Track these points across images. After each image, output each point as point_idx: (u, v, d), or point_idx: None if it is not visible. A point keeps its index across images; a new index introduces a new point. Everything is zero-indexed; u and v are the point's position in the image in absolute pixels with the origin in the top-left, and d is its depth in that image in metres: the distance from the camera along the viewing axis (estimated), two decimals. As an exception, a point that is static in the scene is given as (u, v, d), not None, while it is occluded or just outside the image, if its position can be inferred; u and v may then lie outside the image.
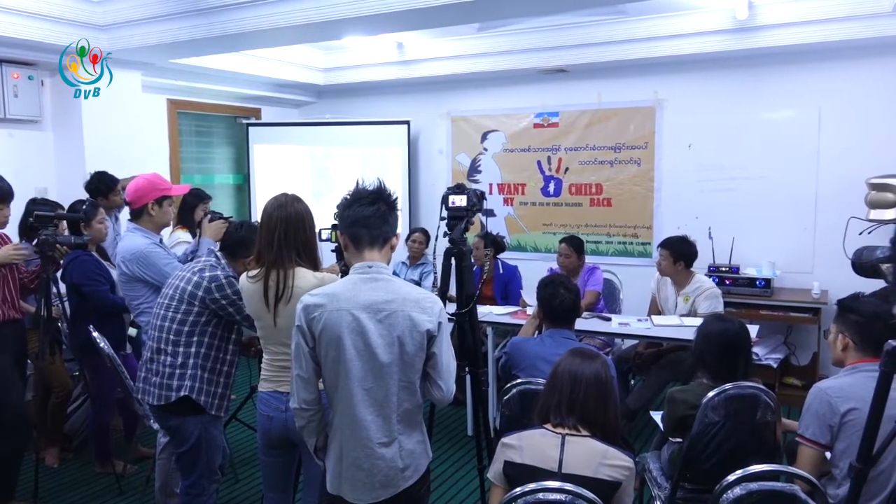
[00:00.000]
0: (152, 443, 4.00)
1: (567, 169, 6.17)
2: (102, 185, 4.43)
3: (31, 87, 4.83)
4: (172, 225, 4.81)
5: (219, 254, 2.81)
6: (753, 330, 4.16)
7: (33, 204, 4.04)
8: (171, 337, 2.74)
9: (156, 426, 3.50)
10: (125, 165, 4.88)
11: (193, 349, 2.74)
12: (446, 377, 2.03)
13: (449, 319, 2.13)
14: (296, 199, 2.50)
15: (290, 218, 2.44)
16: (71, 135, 4.95)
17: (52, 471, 4.04)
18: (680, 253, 4.43)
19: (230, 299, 2.69)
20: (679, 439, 2.80)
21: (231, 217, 3.51)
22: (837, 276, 4.75)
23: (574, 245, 4.80)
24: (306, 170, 6.73)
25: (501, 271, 5.26)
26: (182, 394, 2.74)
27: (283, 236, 2.41)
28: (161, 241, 3.51)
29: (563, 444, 2.09)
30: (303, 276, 2.42)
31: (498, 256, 5.27)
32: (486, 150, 6.54)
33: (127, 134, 5.12)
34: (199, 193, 4.83)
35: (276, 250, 2.40)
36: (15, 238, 3.93)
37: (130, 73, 4.94)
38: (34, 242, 3.64)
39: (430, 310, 1.97)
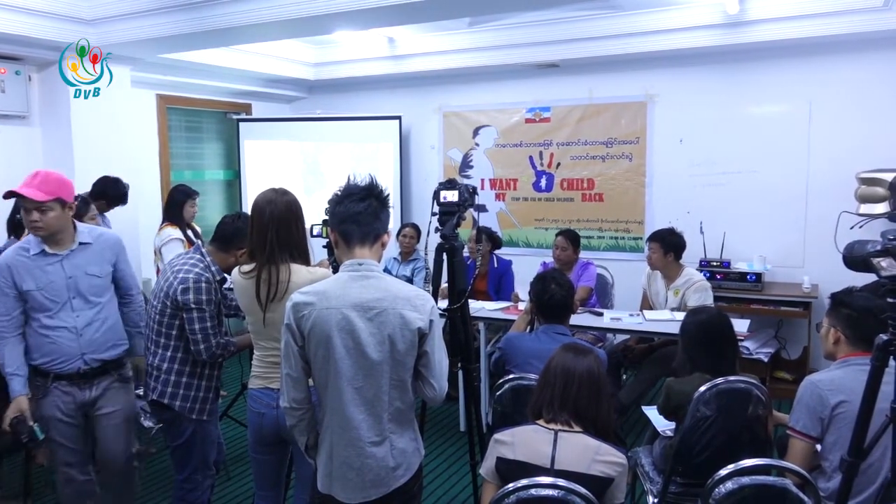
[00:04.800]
0: (143, 440, 3.98)
1: (559, 164, 6.17)
2: (110, 191, 4.39)
3: (18, 82, 4.77)
4: (161, 222, 4.81)
5: (204, 250, 2.77)
6: (744, 324, 4.18)
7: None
8: (153, 336, 2.75)
9: (147, 424, 3.51)
10: (114, 161, 4.86)
11: (170, 353, 2.73)
12: (438, 376, 2.02)
13: (441, 315, 2.12)
14: (284, 193, 2.49)
15: (281, 215, 2.43)
16: (59, 131, 4.90)
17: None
18: (670, 244, 4.44)
19: (198, 304, 2.63)
20: (670, 434, 2.82)
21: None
22: (828, 271, 4.78)
23: (570, 238, 4.81)
24: (297, 165, 6.70)
25: (496, 266, 5.26)
26: (153, 397, 2.74)
27: (275, 236, 2.40)
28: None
29: (555, 440, 2.09)
30: (296, 271, 2.41)
31: (494, 252, 5.26)
32: (477, 145, 6.53)
33: (116, 129, 5.08)
34: (186, 190, 4.82)
35: (268, 249, 2.40)
36: (3, 236, 3.89)
37: (119, 67, 4.89)
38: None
39: (421, 308, 1.96)
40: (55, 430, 2.80)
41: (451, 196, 3.00)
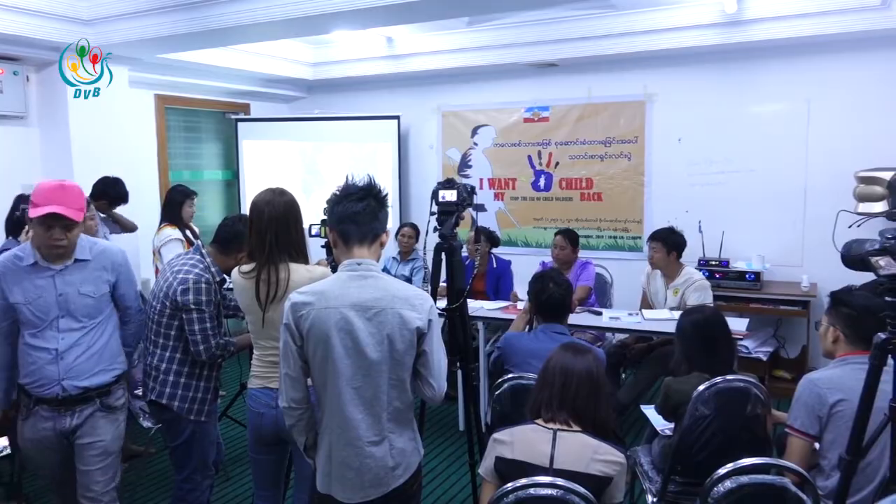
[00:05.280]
0: (143, 440, 3.98)
1: (557, 163, 6.17)
2: (111, 191, 4.37)
3: (16, 82, 4.77)
4: (159, 222, 4.81)
5: (204, 251, 2.77)
6: (743, 323, 4.19)
7: (20, 200, 4.00)
8: (152, 336, 2.75)
9: (147, 424, 3.50)
10: (112, 161, 4.86)
11: (169, 353, 2.73)
12: (437, 375, 2.02)
13: (439, 315, 2.12)
14: (282, 194, 2.50)
15: (279, 216, 2.43)
16: (57, 131, 4.90)
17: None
18: (672, 243, 4.45)
19: (198, 304, 2.63)
20: (669, 434, 2.82)
21: None
22: (826, 270, 4.77)
23: (569, 237, 4.82)
24: (296, 165, 6.70)
25: (495, 265, 5.26)
26: (152, 397, 2.73)
27: (274, 237, 2.40)
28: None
29: (554, 440, 2.09)
30: (295, 271, 2.42)
31: (492, 251, 5.27)
32: (476, 144, 6.53)
33: (114, 129, 5.08)
34: (184, 190, 4.82)
35: (267, 250, 2.40)
36: (1, 236, 3.89)
37: (117, 68, 4.88)
38: (19, 238, 3.60)
39: (420, 307, 1.96)
40: (37, 453, 2.62)
41: (450, 196, 2.99)
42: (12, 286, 2.50)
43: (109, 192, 4.38)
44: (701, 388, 2.59)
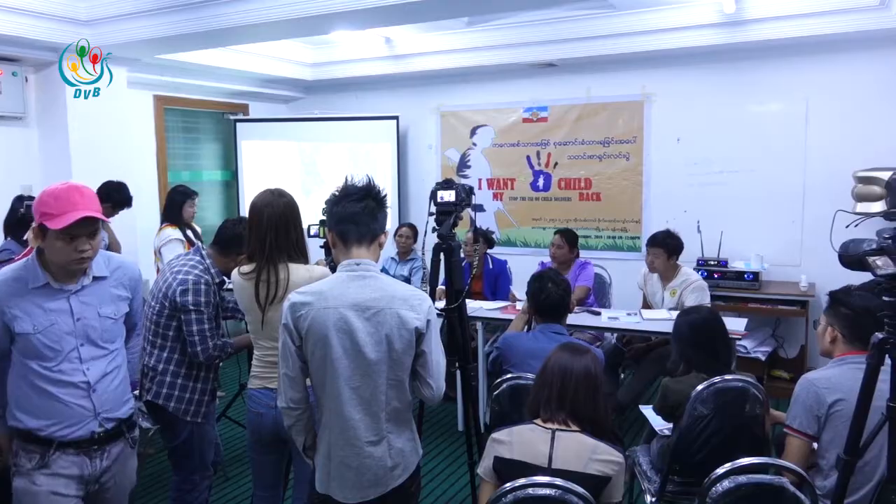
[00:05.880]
0: (141, 441, 3.98)
1: (556, 163, 6.18)
2: (114, 195, 4.36)
3: (14, 83, 4.77)
4: (160, 223, 4.82)
5: (204, 252, 2.78)
6: (742, 323, 4.19)
7: (20, 201, 3.99)
8: (150, 337, 2.75)
9: (145, 425, 3.50)
10: (111, 162, 4.86)
11: (166, 354, 2.73)
12: (436, 375, 2.03)
13: (438, 315, 2.12)
14: (281, 195, 2.50)
15: (279, 218, 2.43)
16: (56, 132, 4.89)
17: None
18: (673, 248, 4.46)
19: (196, 305, 2.64)
20: (667, 433, 2.82)
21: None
22: (825, 269, 4.76)
23: (567, 237, 4.82)
24: (295, 165, 6.70)
25: (491, 266, 5.26)
26: (148, 398, 2.73)
27: (273, 239, 2.40)
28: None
29: (553, 439, 2.10)
30: (295, 270, 2.42)
31: (488, 252, 5.27)
32: (475, 144, 6.53)
33: (113, 130, 5.07)
34: (185, 190, 4.83)
35: (267, 251, 2.40)
36: (0, 237, 3.88)
37: (116, 68, 4.88)
38: (24, 237, 3.59)
39: (418, 307, 1.96)
40: None
41: (448, 196, 3.00)
42: (17, 313, 2.07)
43: (113, 196, 4.36)
44: (699, 387, 2.60)
